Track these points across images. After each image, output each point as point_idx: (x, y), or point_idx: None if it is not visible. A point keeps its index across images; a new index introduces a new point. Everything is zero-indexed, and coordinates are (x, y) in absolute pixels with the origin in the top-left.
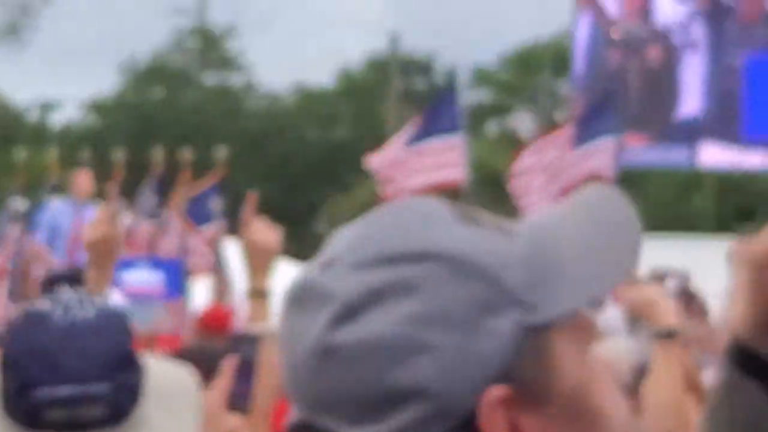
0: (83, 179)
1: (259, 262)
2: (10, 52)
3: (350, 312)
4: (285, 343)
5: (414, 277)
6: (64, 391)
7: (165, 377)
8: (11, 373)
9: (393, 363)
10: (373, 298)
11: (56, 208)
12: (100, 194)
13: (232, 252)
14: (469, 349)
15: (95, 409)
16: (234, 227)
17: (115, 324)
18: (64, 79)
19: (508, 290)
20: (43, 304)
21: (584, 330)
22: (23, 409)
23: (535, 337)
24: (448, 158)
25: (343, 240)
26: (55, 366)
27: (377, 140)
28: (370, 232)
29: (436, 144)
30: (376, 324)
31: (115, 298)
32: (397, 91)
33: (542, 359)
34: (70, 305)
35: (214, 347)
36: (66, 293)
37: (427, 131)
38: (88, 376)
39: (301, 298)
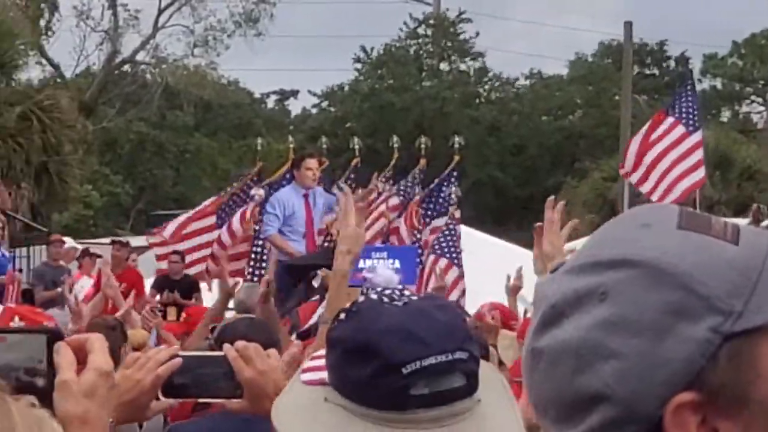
0: (308, 167)
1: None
2: (248, 42)
3: (554, 317)
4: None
5: (611, 283)
6: (432, 361)
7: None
8: (369, 357)
9: (581, 368)
10: (573, 304)
11: (287, 194)
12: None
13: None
14: (655, 354)
15: (457, 379)
16: (467, 214)
17: (446, 302)
18: (300, 68)
19: (706, 297)
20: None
21: None
22: (389, 390)
23: (736, 343)
24: (689, 163)
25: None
26: (418, 340)
27: (611, 127)
28: (592, 239)
29: (676, 137)
30: (571, 329)
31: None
32: (630, 78)
33: (741, 365)
34: (388, 294)
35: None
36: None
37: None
38: (450, 347)
39: (534, 301)
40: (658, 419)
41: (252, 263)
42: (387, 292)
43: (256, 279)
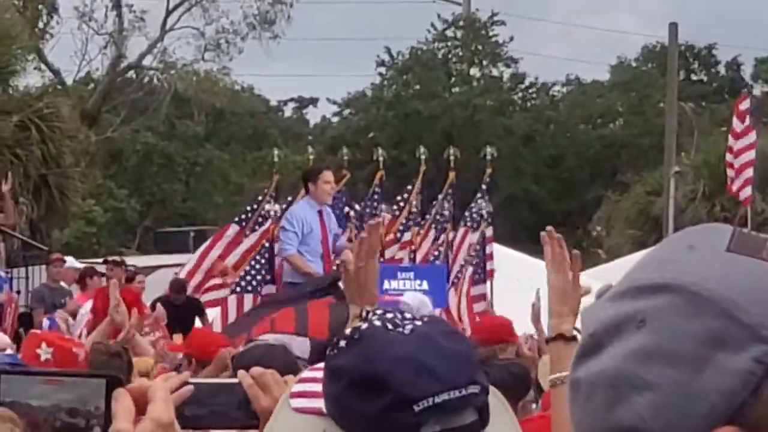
0: (326, 180)
1: (565, 306)
2: (263, 45)
3: (592, 346)
4: None
5: (649, 309)
6: (445, 397)
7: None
8: (378, 390)
9: (616, 400)
10: (612, 332)
11: (303, 210)
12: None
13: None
14: (693, 387)
15: (469, 414)
16: (499, 231)
17: (452, 328)
18: (319, 74)
19: (750, 325)
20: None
21: None
22: (398, 427)
23: None
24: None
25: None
26: (430, 373)
27: (654, 137)
28: (638, 262)
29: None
30: (607, 359)
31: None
32: (676, 84)
33: None
34: (390, 319)
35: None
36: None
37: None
38: (462, 381)
39: (579, 328)
40: None
41: (246, 275)
42: (389, 316)
43: (244, 291)
